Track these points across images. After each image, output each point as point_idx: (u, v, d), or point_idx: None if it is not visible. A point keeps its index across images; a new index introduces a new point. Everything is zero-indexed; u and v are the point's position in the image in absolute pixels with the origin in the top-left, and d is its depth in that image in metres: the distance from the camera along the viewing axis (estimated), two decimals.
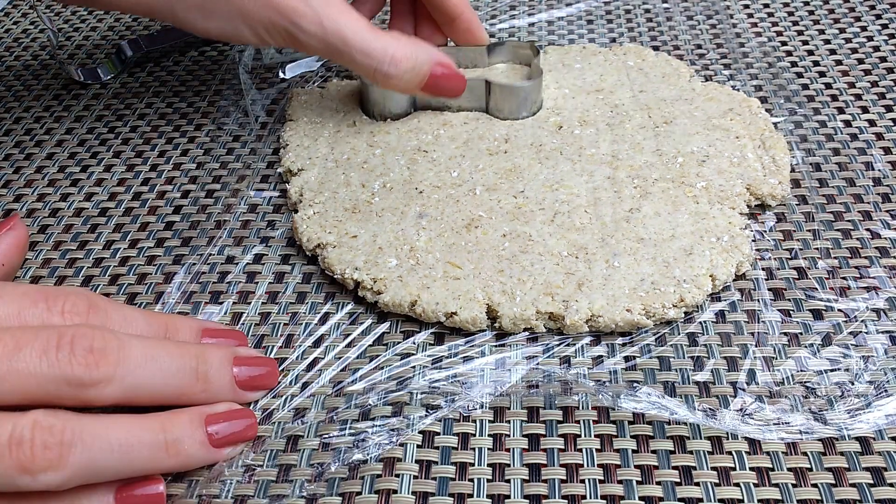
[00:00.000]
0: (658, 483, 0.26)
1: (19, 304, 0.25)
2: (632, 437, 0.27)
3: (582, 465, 0.26)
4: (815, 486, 0.25)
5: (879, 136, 0.39)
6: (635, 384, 0.29)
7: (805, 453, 0.26)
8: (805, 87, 0.43)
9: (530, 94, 0.39)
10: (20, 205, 0.39)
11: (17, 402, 0.24)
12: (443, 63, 0.37)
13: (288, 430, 0.28)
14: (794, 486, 0.25)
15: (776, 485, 0.26)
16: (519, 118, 0.40)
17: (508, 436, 0.28)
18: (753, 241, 0.34)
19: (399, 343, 0.31)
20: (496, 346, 0.30)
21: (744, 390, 0.28)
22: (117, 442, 0.24)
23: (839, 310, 0.31)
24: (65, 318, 0.26)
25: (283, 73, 0.46)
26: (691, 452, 0.27)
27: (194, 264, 0.35)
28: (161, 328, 0.28)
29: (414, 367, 0.30)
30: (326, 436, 0.28)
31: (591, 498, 0.26)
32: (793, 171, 0.37)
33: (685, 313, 0.31)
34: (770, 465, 0.26)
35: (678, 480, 0.26)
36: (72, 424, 0.23)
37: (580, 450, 0.27)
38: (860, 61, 0.44)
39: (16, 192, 0.39)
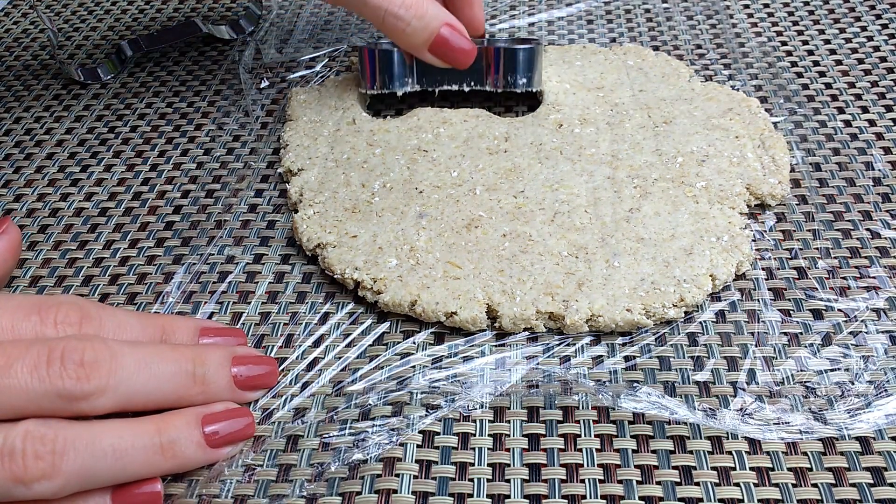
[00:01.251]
0: (658, 483, 0.26)
1: (12, 318, 0.25)
2: (632, 437, 0.27)
3: (582, 465, 0.26)
4: (815, 486, 0.25)
5: (879, 136, 0.39)
6: (635, 384, 0.29)
7: (805, 453, 0.26)
8: (805, 87, 0.43)
9: (532, 57, 0.39)
10: (20, 205, 0.39)
11: (9, 417, 0.24)
12: (453, 25, 0.37)
13: (288, 430, 0.28)
14: (794, 486, 0.25)
15: (776, 485, 0.26)
16: (518, 88, 0.39)
17: (508, 436, 0.28)
18: (753, 240, 0.34)
19: (399, 343, 0.31)
20: (496, 346, 0.30)
21: (744, 390, 0.28)
22: (111, 447, 0.24)
23: (839, 310, 0.31)
24: (57, 329, 0.26)
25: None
26: (691, 452, 0.27)
27: (194, 264, 0.35)
28: (157, 331, 0.28)
29: (414, 366, 0.30)
30: (326, 436, 0.28)
31: (591, 498, 0.26)
32: (793, 170, 0.37)
33: (685, 313, 0.31)
34: (770, 465, 0.26)
35: (678, 480, 0.26)
36: (63, 433, 0.23)
37: (580, 450, 0.27)
38: (860, 61, 0.44)
39: (16, 192, 0.39)
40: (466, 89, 0.41)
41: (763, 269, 0.33)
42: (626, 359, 0.30)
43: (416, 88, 0.41)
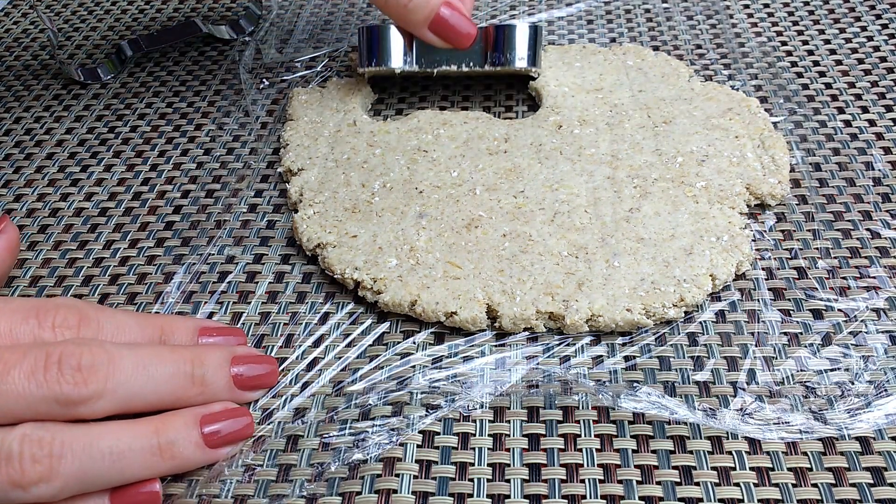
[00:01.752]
0: (658, 483, 0.26)
1: (10, 321, 0.25)
2: (632, 437, 0.27)
3: (582, 465, 0.26)
4: (815, 486, 0.25)
5: (879, 136, 0.39)
6: (635, 384, 0.29)
7: (805, 453, 0.26)
8: (805, 87, 0.43)
9: (531, 35, 0.39)
10: (20, 205, 0.39)
11: (8, 422, 0.24)
12: (453, 5, 0.37)
13: (288, 430, 0.28)
14: (794, 486, 0.25)
15: (776, 485, 0.26)
16: (516, 64, 0.39)
17: (508, 436, 0.28)
18: (753, 240, 0.34)
19: (399, 343, 0.31)
20: (496, 346, 0.30)
21: (744, 390, 0.28)
22: (108, 449, 0.24)
23: (839, 309, 0.31)
24: (55, 332, 0.26)
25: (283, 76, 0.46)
26: (691, 452, 0.27)
27: (194, 264, 0.35)
28: (156, 332, 0.28)
29: (414, 366, 0.30)
30: (326, 436, 0.28)
31: (591, 498, 0.26)
32: (793, 170, 0.37)
33: (685, 313, 0.31)
34: (770, 465, 0.26)
35: (678, 480, 0.26)
36: (61, 436, 0.23)
37: (580, 450, 0.27)
38: (860, 61, 0.44)
39: (16, 192, 0.39)
40: (465, 69, 0.40)
41: (763, 269, 0.33)
42: (626, 359, 0.30)
43: (413, 69, 0.40)
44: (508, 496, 0.26)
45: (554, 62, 0.43)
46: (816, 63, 0.44)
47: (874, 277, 0.32)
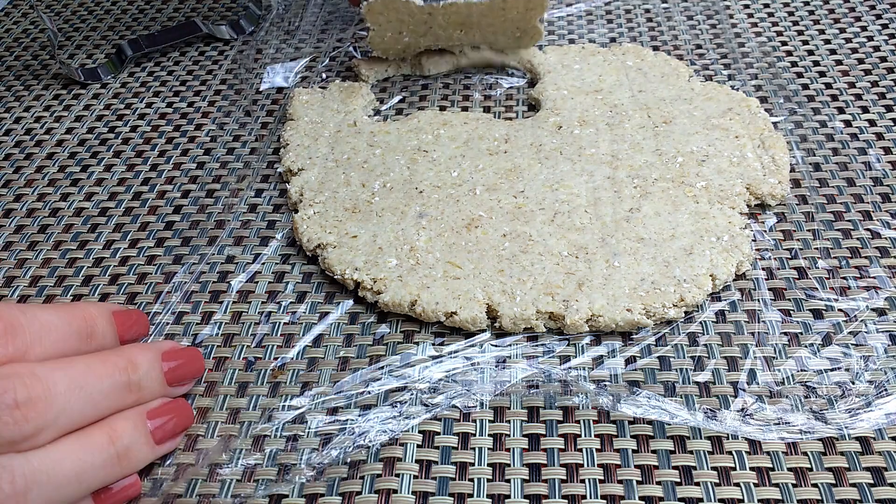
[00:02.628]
0: (658, 483, 0.26)
1: None
2: (632, 437, 0.27)
3: (582, 465, 0.26)
4: (815, 486, 0.25)
5: (879, 136, 0.39)
6: (635, 387, 0.29)
7: (805, 453, 0.26)
8: (805, 87, 0.42)
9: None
10: (20, 205, 0.39)
11: None
12: None
13: (288, 430, 0.28)
14: (794, 486, 0.25)
15: (776, 485, 0.26)
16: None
17: (508, 436, 0.28)
18: (753, 240, 0.34)
19: (399, 343, 0.31)
20: (496, 346, 0.30)
21: (744, 390, 0.28)
22: (72, 472, 0.24)
23: (839, 309, 0.31)
24: None
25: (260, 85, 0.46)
26: (691, 452, 0.27)
27: (194, 264, 0.35)
28: (82, 324, 0.27)
29: (414, 366, 0.30)
30: (326, 435, 0.28)
31: (591, 498, 0.26)
32: (793, 170, 0.37)
33: (685, 313, 0.31)
34: (770, 465, 0.26)
35: (678, 480, 0.26)
36: (22, 470, 0.23)
37: (580, 450, 0.27)
38: (860, 61, 0.44)
39: (16, 192, 0.39)
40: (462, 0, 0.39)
41: (763, 269, 0.33)
42: (627, 359, 0.30)
43: (416, 0, 0.39)
44: (508, 496, 0.26)
45: (553, 65, 0.43)
46: (816, 63, 0.44)
47: (874, 277, 0.32)
